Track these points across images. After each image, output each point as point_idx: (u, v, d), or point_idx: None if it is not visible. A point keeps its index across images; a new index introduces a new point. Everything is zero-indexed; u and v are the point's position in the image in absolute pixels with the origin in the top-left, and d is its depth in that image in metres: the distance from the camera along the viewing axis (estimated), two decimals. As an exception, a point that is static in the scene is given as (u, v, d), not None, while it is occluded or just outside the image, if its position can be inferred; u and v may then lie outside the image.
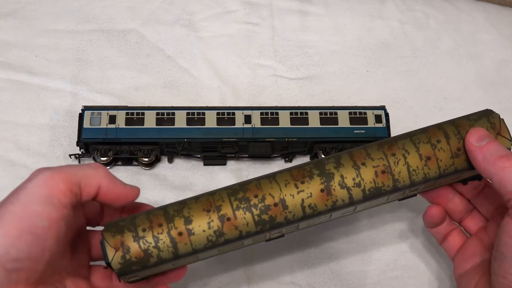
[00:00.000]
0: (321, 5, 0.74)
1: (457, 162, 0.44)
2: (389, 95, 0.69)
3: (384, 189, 0.43)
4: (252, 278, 0.57)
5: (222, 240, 0.42)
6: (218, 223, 0.42)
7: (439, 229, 0.52)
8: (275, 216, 0.42)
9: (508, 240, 0.41)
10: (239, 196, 0.42)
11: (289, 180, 0.43)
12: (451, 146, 0.44)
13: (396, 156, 0.44)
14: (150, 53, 0.69)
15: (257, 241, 0.45)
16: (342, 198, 0.43)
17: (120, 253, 0.41)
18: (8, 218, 0.36)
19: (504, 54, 0.73)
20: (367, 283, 0.57)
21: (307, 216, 0.43)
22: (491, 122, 0.46)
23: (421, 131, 0.45)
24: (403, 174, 0.43)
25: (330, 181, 0.43)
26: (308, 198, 0.43)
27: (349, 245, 0.59)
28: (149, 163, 0.61)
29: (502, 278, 0.42)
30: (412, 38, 0.73)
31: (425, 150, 0.44)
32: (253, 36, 0.71)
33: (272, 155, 0.62)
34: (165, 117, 0.61)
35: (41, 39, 0.68)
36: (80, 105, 0.63)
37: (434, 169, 0.44)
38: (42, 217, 0.36)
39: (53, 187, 0.37)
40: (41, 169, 0.39)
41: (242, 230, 0.42)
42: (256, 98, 0.67)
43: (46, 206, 0.37)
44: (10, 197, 0.38)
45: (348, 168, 0.43)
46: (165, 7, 0.72)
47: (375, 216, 0.60)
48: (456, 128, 0.45)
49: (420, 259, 0.59)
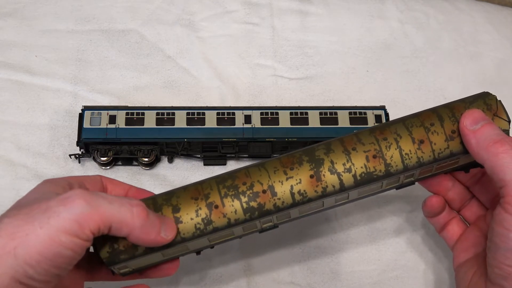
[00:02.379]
0: (321, 5, 0.74)
1: (452, 145, 0.43)
2: (389, 95, 0.69)
3: (376, 174, 0.42)
4: (252, 278, 0.57)
5: (210, 228, 0.42)
6: (206, 210, 0.42)
7: (438, 219, 0.51)
8: (264, 203, 0.42)
9: (501, 230, 0.40)
10: (227, 183, 0.42)
11: (278, 167, 0.43)
12: (445, 129, 0.43)
13: (388, 140, 0.43)
14: (150, 53, 0.69)
15: (248, 231, 0.44)
16: (332, 184, 0.42)
17: (108, 243, 0.41)
18: (34, 241, 0.35)
19: (504, 54, 0.73)
20: (367, 283, 0.57)
21: (297, 203, 0.42)
22: (488, 103, 0.44)
23: (414, 115, 0.44)
24: (396, 159, 0.43)
25: (320, 167, 0.42)
26: (298, 184, 0.42)
27: (349, 245, 0.59)
28: (149, 163, 0.61)
29: (497, 268, 0.41)
30: (412, 38, 0.73)
31: (418, 133, 0.43)
32: (253, 36, 0.71)
33: (272, 155, 0.62)
34: (165, 117, 0.61)
35: (41, 39, 0.68)
36: (80, 105, 0.63)
37: (428, 153, 0.43)
38: (66, 249, 0.36)
39: (85, 225, 0.36)
40: (81, 198, 0.37)
41: (231, 217, 0.42)
42: (256, 98, 0.67)
43: (72, 239, 0.36)
44: (40, 215, 0.36)
45: (339, 154, 0.43)
46: (165, 7, 0.72)
47: (375, 216, 0.60)
48: (451, 111, 0.44)
49: (420, 259, 0.59)
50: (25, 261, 0.35)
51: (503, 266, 0.41)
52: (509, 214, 0.40)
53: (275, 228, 0.45)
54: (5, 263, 0.35)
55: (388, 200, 0.61)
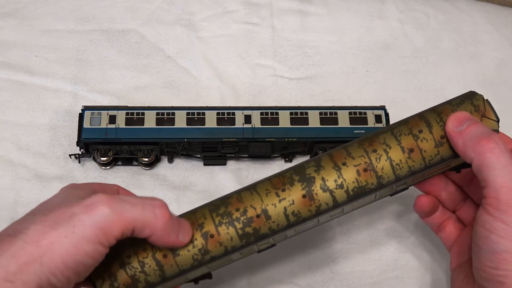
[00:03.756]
0: (321, 5, 0.74)
1: (442, 150, 0.42)
2: (389, 95, 0.69)
3: (368, 187, 0.42)
4: (252, 278, 0.57)
5: (208, 257, 0.41)
6: (202, 241, 0.41)
7: (433, 219, 0.50)
8: (259, 228, 0.42)
9: (483, 232, 0.40)
10: (220, 211, 0.42)
11: (269, 189, 0.42)
12: (434, 135, 0.43)
13: (378, 152, 0.42)
14: (150, 53, 0.69)
15: (246, 254, 0.44)
16: (325, 202, 0.42)
17: (108, 281, 0.40)
18: (59, 249, 0.35)
19: (504, 54, 0.73)
20: (367, 283, 0.57)
21: (292, 224, 0.42)
22: (475, 104, 0.43)
23: (402, 123, 0.44)
24: (387, 170, 0.42)
25: (312, 186, 0.42)
26: (291, 205, 0.42)
27: (349, 245, 0.59)
28: (149, 163, 0.61)
29: (481, 271, 0.41)
30: (412, 38, 0.73)
31: (407, 142, 0.42)
32: (253, 36, 0.71)
33: (272, 155, 0.62)
34: (165, 117, 0.61)
35: (41, 39, 0.68)
36: (80, 105, 0.63)
37: (418, 161, 0.42)
38: (89, 257, 0.36)
39: (109, 232, 0.36)
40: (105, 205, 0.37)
41: (227, 245, 0.41)
42: (256, 98, 0.67)
43: (96, 247, 0.36)
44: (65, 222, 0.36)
45: (329, 170, 0.42)
46: (165, 7, 0.72)
47: (375, 216, 0.60)
48: (439, 116, 0.43)
49: (420, 259, 0.59)
50: (49, 270, 0.35)
51: (487, 268, 0.40)
52: (491, 215, 0.39)
53: (274, 246, 0.45)
54: (32, 271, 0.35)
55: (388, 200, 0.61)
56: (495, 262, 0.39)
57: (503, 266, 0.39)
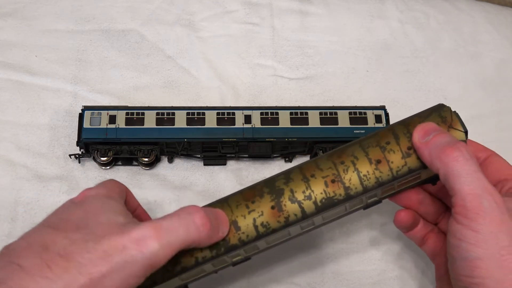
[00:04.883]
0: (321, 5, 0.74)
1: (409, 161, 0.43)
2: (389, 95, 0.69)
3: (336, 198, 0.42)
4: (252, 278, 0.57)
5: (179, 268, 0.42)
6: None
7: (414, 233, 0.50)
8: (228, 239, 0.42)
9: (454, 241, 0.40)
10: None
11: (240, 201, 0.43)
12: (401, 146, 0.43)
13: (345, 164, 0.43)
14: (150, 53, 0.69)
15: (219, 266, 0.44)
16: (294, 213, 0.42)
17: None
18: (108, 284, 0.35)
19: (504, 54, 0.73)
20: (367, 283, 0.57)
21: (262, 235, 0.42)
22: (442, 116, 0.44)
23: (371, 136, 0.44)
24: (354, 181, 0.42)
25: (280, 197, 0.43)
26: (260, 216, 0.42)
27: (349, 245, 0.59)
28: (149, 163, 0.61)
29: (458, 281, 0.40)
30: (412, 38, 0.73)
31: (374, 153, 0.43)
32: (253, 36, 0.71)
33: (272, 155, 0.62)
34: (165, 117, 0.61)
35: (41, 39, 0.68)
36: (80, 105, 0.63)
37: (386, 172, 0.43)
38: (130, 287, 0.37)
39: (157, 266, 0.37)
40: (154, 239, 0.37)
41: (198, 256, 0.42)
42: (256, 98, 0.67)
43: (141, 280, 0.37)
44: (117, 257, 0.36)
45: (298, 182, 0.43)
46: (165, 7, 0.72)
47: (374, 216, 0.60)
48: (406, 128, 0.43)
49: (420, 259, 0.59)
50: None
51: (462, 277, 0.40)
52: (460, 224, 0.39)
53: (248, 260, 0.45)
54: None
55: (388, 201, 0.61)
56: (469, 270, 0.39)
57: (477, 274, 0.38)
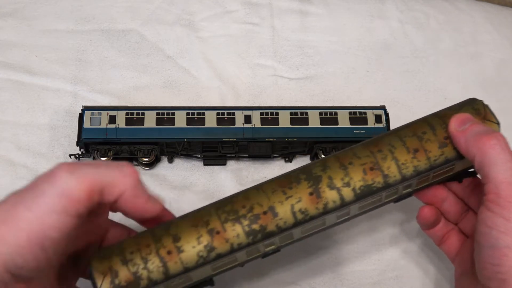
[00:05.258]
0: (321, 5, 0.74)
1: (446, 151, 0.43)
2: (389, 95, 0.69)
3: (375, 186, 0.42)
4: (252, 278, 0.57)
5: (213, 255, 0.40)
6: (208, 237, 0.40)
7: (435, 231, 0.50)
8: (265, 225, 0.41)
9: (483, 228, 0.40)
10: (226, 208, 0.41)
11: (275, 187, 0.42)
12: (437, 136, 0.43)
13: (383, 152, 0.43)
14: (150, 53, 0.69)
15: (251, 256, 0.43)
16: (333, 200, 0.42)
17: (109, 278, 0.39)
18: (21, 225, 0.33)
19: (504, 54, 0.73)
20: (367, 283, 0.57)
21: (299, 222, 0.42)
22: (475, 108, 0.44)
23: (405, 126, 0.44)
24: (393, 169, 0.42)
25: (319, 184, 0.42)
26: (298, 203, 0.41)
27: (349, 245, 0.59)
28: (149, 163, 0.61)
29: (483, 269, 0.41)
30: (412, 38, 0.73)
31: (411, 143, 0.43)
32: (253, 36, 0.71)
33: (272, 155, 0.62)
34: (165, 117, 0.61)
35: (41, 39, 0.68)
36: (80, 105, 0.63)
37: (423, 161, 0.43)
38: (55, 230, 0.34)
39: (74, 197, 0.34)
40: (64, 171, 0.35)
41: (234, 242, 0.41)
42: (256, 98, 0.67)
43: (61, 218, 0.34)
44: (27, 199, 0.34)
45: (335, 169, 0.42)
46: (165, 7, 0.72)
47: (375, 216, 0.60)
48: (441, 119, 0.44)
49: (421, 259, 0.59)
50: (14, 249, 0.33)
51: (488, 265, 0.40)
52: (491, 211, 0.40)
53: (278, 252, 0.45)
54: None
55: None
56: (496, 258, 0.39)
57: (504, 262, 0.39)
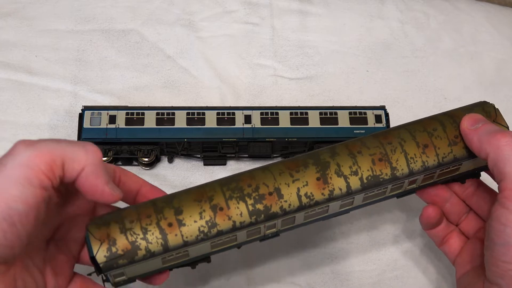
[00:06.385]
0: (321, 5, 0.74)
1: (455, 149, 0.43)
2: (389, 95, 0.69)
3: (382, 177, 0.42)
4: (252, 278, 0.57)
5: (214, 231, 0.40)
6: (211, 213, 0.40)
7: (437, 231, 0.50)
8: (270, 206, 0.41)
9: (497, 225, 0.40)
10: (231, 186, 0.41)
11: (283, 169, 0.42)
12: (448, 134, 0.43)
13: (393, 144, 0.43)
14: (150, 53, 0.69)
15: (251, 237, 0.43)
16: (339, 187, 0.41)
17: (106, 245, 0.38)
18: None
19: (504, 54, 0.73)
20: (367, 283, 0.57)
21: (304, 206, 0.41)
22: (486, 111, 0.45)
23: (416, 122, 0.45)
24: (401, 162, 0.42)
25: (326, 170, 0.42)
26: (304, 186, 0.41)
27: (349, 245, 0.59)
28: (149, 163, 0.61)
29: (494, 266, 0.41)
30: (412, 38, 0.73)
31: (421, 138, 0.43)
32: (253, 36, 0.71)
33: (272, 155, 0.62)
34: (165, 117, 0.61)
35: (41, 39, 0.68)
36: (80, 105, 0.63)
37: (432, 157, 0.43)
38: (19, 202, 0.34)
39: (34, 168, 0.35)
40: (23, 145, 0.36)
41: (236, 220, 0.40)
42: (256, 98, 0.67)
43: (24, 189, 0.34)
44: None
45: (344, 157, 0.42)
46: (165, 7, 0.72)
47: (375, 216, 0.60)
48: (452, 118, 0.44)
49: (421, 259, 0.59)
50: None
51: (500, 263, 0.40)
52: (505, 208, 0.40)
53: (277, 236, 0.44)
54: None
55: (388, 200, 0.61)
56: (510, 256, 0.39)
57: None
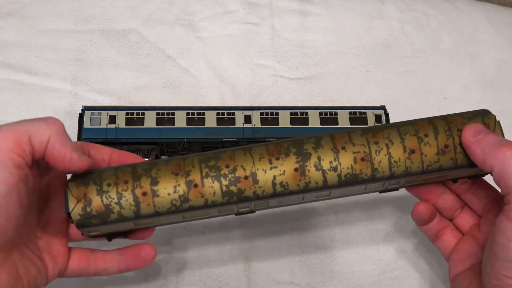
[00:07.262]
0: (321, 5, 0.74)
1: (442, 159, 0.42)
2: (389, 95, 0.69)
3: (361, 177, 0.42)
4: (252, 278, 0.57)
5: (186, 206, 0.41)
6: (185, 188, 0.41)
7: (430, 227, 0.49)
8: (243, 189, 0.41)
9: (502, 240, 0.39)
10: (210, 163, 0.41)
11: (264, 154, 0.42)
12: (438, 142, 0.42)
13: (379, 145, 0.42)
14: (150, 53, 0.69)
15: (224, 213, 0.44)
16: (316, 181, 0.41)
17: (82, 204, 0.40)
18: None
19: (504, 54, 0.73)
20: (367, 283, 0.57)
21: (277, 194, 0.41)
22: (486, 122, 0.43)
23: (409, 123, 0.44)
24: (383, 165, 0.42)
25: (306, 162, 0.41)
26: (281, 175, 0.41)
27: (349, 245, 0.59)
28: (149, 163, 0.61)
29: (494, 279, 0.40)
30: (412, 38, 0.73)
31: (410, 142, 0.42)
32: (253, 36, 0.71)
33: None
34: (165, 117, 0.61)
35: (41, 39, 0.68)
36: (80, 105, 0.63)
37: (417, 164, 0.42)
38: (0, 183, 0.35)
39: (3, 149, 0.36)
40: None
41: (208, 199, 0.41)
42: (256, 98, 0.67)
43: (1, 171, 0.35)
44: None
45: (327, 151, 0.42)
46: (165, 7, 0.72)
47: (375, 216, 0.60)
48: (448, 124, 0.43)
49: (421, 259, 0.59)
50: None
51: (501, 276, 0.39)
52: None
53: (252, 213, 0.45)
54: None
55: (388, 200, 0.61)
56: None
57: None
